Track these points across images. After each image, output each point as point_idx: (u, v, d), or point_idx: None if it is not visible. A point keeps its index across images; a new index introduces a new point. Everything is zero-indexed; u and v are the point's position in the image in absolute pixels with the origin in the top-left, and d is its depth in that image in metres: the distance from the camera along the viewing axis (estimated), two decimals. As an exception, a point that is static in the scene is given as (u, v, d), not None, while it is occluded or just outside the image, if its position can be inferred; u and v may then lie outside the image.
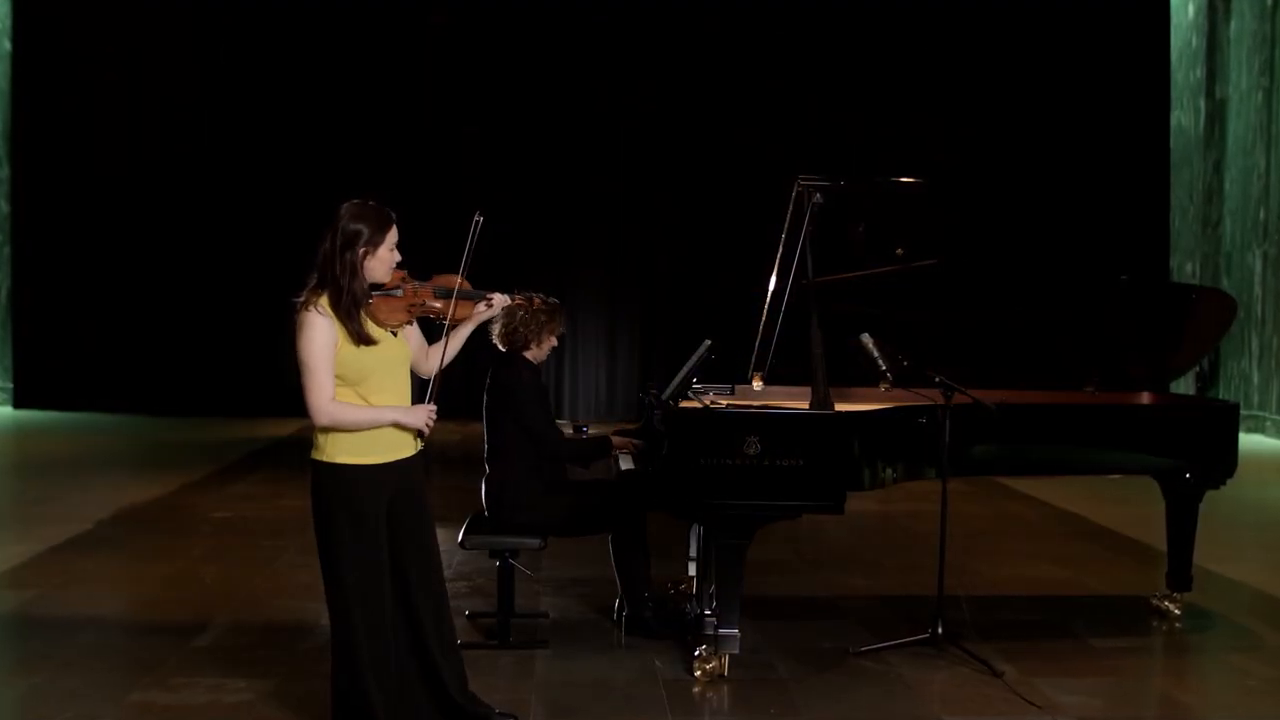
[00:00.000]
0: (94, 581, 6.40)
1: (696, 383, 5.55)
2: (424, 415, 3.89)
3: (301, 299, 3.85)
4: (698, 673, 4.93)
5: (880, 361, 5.13)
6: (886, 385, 5.24)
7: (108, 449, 11.83)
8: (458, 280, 4.06)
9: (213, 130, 14.69)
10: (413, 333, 4.07)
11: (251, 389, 14.71)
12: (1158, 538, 6.38)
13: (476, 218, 4.03)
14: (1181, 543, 5.89)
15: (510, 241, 13.45)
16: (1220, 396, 13.76)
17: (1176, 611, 5.91)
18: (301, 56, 14.64)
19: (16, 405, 14.72)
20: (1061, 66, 14.67)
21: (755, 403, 5.28)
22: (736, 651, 4.91)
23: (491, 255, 4.09)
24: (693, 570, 5.77)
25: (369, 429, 3.84)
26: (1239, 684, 5.06)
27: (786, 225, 5.28)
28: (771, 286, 5.36)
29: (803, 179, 5.26)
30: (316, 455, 3.87)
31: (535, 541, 5.29)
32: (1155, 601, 6.01)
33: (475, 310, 4.12)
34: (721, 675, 4.92)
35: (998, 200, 14.20)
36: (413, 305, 3.95)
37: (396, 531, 3.95)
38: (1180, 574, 5.92)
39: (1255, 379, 13.71)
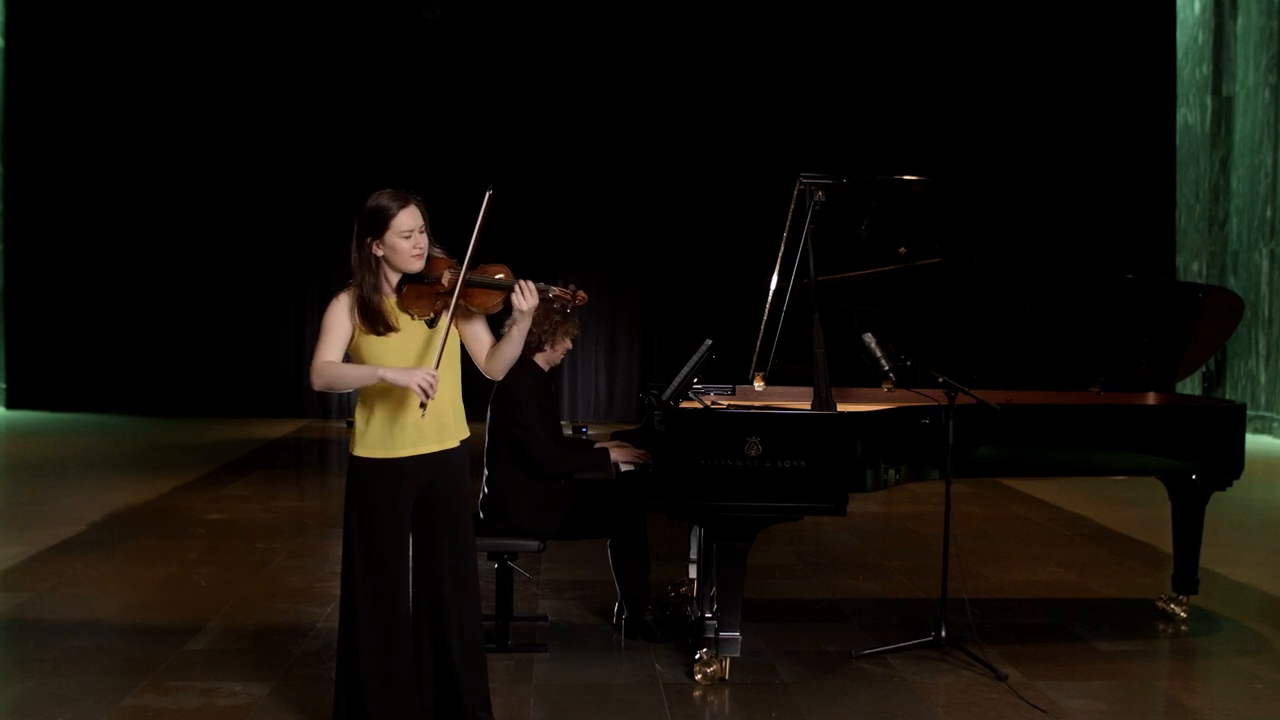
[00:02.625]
0: (87, 584, 6.35)
1: (697, 383, 5.49)
2: (419, 376, 3.65)
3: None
4: (698, 676, 4.89)
5: (883, 361, 5.10)
6: (890, 385, 5.20)
7: (100, 450, 11.80)
8: (498, 271, 3.85)
9: (206, 130, 14.68)
10: (476, 330, 3.95)
11: (245, 390, 14.73)
12: (1163, 540, 6.34)
13: (487, 192, 3.83)
14: (1187, 545, 5.85)
15: (508, 241, 13.43)
16: (1226, 397, 13.70)
17: (1182, 614, 5.88)
18: (297, 53, 14.65)
19: (8, 406, 14.73)
20: (1066, 63, 14.64)
21: (756, 403, 5.24)
22: (737, 655, 4.87)
23: (491, 255, 3.96)
24: (693, 573, 5.74)
25: (357, 387, 3.79)
26: (1245, 688, 5.01)
27: (788, 223, 5.24)
28: (773, 285, 5.32)
29: (805, 177, 5.22)
30: (350, 449, 3.90)
31: (534, 544, 5.24)
32: (1161, 604, 5.98)
33: (518, 305, 3.78)
34: (722, 679, 4.88)
35: (1001, 198, 14.17)
36: (439, 294, 3.81)
37: (427, 531, 3.90)
38: (1186, 576, 5.88)
39: (1262, 379, 13.64)
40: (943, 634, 5.22)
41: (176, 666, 5.00)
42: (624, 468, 5.42)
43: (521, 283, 3.80)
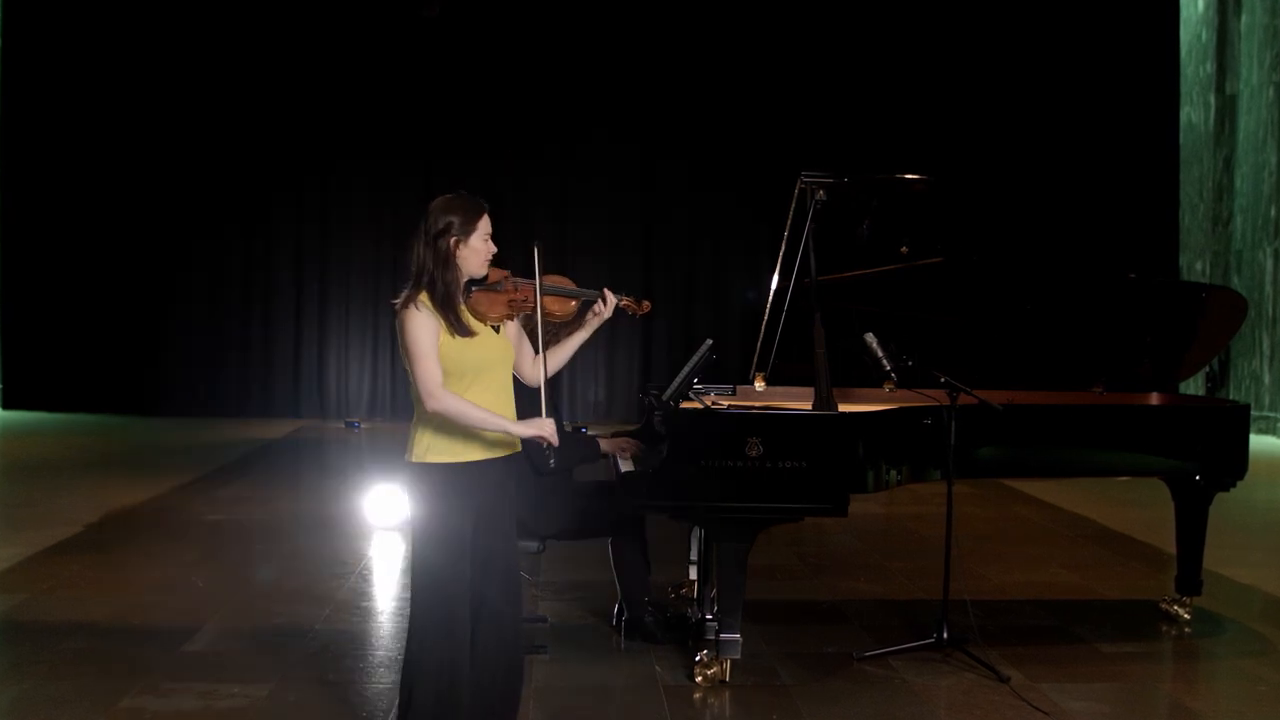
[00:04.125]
0: (83, 585, 6.32)
1: (697, 383, 5.45)
2: (549, 428, 3.80)
3: (400, 300, 3.81)
4: (699, 678, 4.85)
5: (884, 361, 5.07)
6: (891, 386, 5.16)
7: (97, 450, 11.78)
8: (561, 280, 3.97)
9: (203, 130, 14.63)
10: (518, 336, 3.99)
11: (243, 390, 14.70)
12: (1167, 541, 6.30)
13: (537, 245, 3.90)
14: (1191, 546, 5.81)
15: (506, 241, 13.41)
16: (1230, 397, 13.66)
17: (1186, 616, 5.84)
18: (295, 53, 14.61)
19: (5, 406, 14.71)
20: (1069, 61, 14.60)
21: (757, 403, 5.21)
22: (738, 657, 4.84)
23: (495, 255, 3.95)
24: (694, 574, 5.71)
25: (477, 429, 3.78)
26: (1249, 690, 4.98)
27: (789, 223, 5.20)
28: (774, 285, 5.28)
29: (806, 176, 5.18)
30: (410, 458, 3.84)
31: (533, 545, 5.21)
32: (1164, 606, 5.94)
33: (590, 314, 4.02)
34: (723, 681, 4.85)
35: (1004, 198, 14.12)
36: (513, 300, 3.86)
37: (484, 535, 3.84)
38: (1190, 578, 5.84)
39: (1266, 379, 13.61)
40: (944, 635, 5.18)
41: (174, 668, 4.96)
42: (624, 468, 5.39)
43: (609, 293, 4.03)
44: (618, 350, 14.94)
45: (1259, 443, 12.25)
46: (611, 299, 4.07)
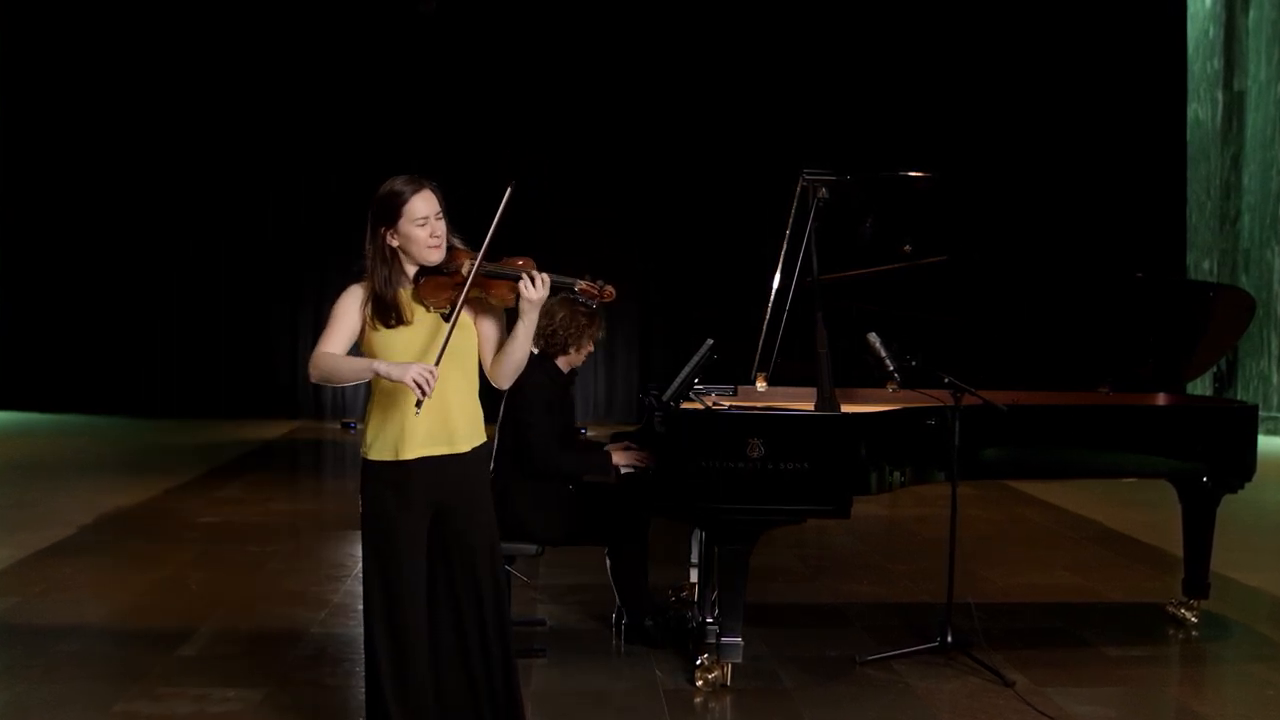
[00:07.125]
0: (76, 588, 6.28)
1: (698, 383, 5.40)
2: (415, 371, 3.39)
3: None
4: (699, 682, 4.82)
5: (887, 361, 5.02)
6: (894, 386, 5.12)
7: (92, 451, 11.75)
8: (528, 264, 3.63)
9: (199, 129, 14.61)
10: (487, 329, 3.69)
11: (240, 391, 14.67)
12: (1172, 543, 6.26)
13: (509, 187, 3.62)
14: (1198, 548, 5.77)
15: (504, 241, 13.35)
16: (1238, 397, 13.59)
17: (1193, 619, 5.80)
18: (291, 51, 14.58)
19: (-1, 406, 14.66)
20: (1076, 58, 14.54)
21: (758, 404, 5.17)
22: (739, 660, 4.80)
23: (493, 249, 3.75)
24: (694, 576, 5.68)
25: (352, 380, 3.56)
26: (1257, 694, 4.93)
27: (791, 221, 5.16)
28: (775, 284, 5.24)
29: (808, 173, 5.14)
30: (361, 452, 3.70)
31: (531, 547, 5.16)
32: (1171, 609, 5.90)
33: (525, 295, 3.55)
34: (724, 685, 4.81)
35: (1009, 195, 14.07)
36: (456, 285, 3.56)
37: (443, 544, 3.66)
38: (1197, 580, 5.79)
39: (1274, 379, 13.55)
40: (948, 639, 5.15)
41: (168, 672, 4.93)
42: (624, 470, 5.34)
43: (534, 271, 3.58)
44: (618, 350, 14.89)
45: (1267, 444, 12.18)
46: (543, 280, 3.57)
